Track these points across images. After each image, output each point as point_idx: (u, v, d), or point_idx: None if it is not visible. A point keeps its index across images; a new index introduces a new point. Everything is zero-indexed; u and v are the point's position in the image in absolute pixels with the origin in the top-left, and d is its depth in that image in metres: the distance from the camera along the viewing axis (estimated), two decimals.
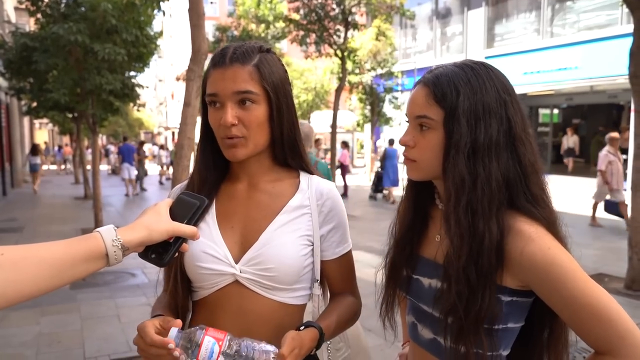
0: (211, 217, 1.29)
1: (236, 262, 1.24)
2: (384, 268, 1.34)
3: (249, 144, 1.24)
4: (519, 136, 1.10)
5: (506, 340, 1.13)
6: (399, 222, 1.32)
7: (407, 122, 1.19)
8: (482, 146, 1.07)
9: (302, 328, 1.18)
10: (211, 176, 1.32)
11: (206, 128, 1.30)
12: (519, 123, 1.11)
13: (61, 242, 0.90)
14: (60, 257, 0.87)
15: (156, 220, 0.98)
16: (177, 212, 1.03)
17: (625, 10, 12.94)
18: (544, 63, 15.13)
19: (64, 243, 0.89)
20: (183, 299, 1.31)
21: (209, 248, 1.24)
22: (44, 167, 28.19)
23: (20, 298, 0.83)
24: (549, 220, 1.08)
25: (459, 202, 1.07)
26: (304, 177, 1.36)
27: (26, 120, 24.54)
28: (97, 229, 0.93)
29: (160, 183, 20.50)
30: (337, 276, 1.36)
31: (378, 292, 1.35)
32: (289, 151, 1.32)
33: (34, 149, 19.00)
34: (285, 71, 1.32)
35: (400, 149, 12.19)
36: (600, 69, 13.74)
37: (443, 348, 1.14)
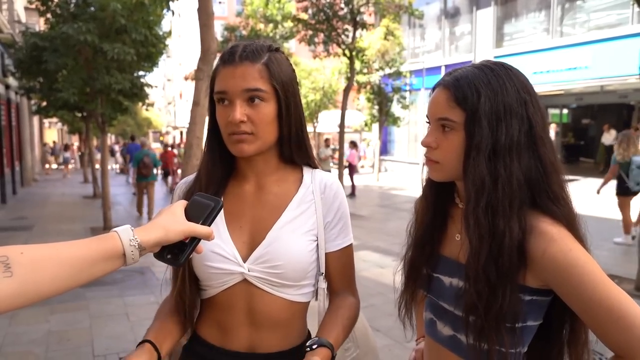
0: (220, 216, 1.29)
1: (244, 261, 1.26)
2: (402, 268, 1.34)
3: (257, 140, 1.24)
4: (540, 135, 1.10)
5: (525, 338, 1.14)
6: (417, 222, 1.32)
7: (428, 123, 1.20)
8: (504, 147, 1.08)
9: (314, 347, 1.17)
10: (217, 173, 1.32)
11: (213, 125, 1.31)
12: (539, 122, 1.11)
13: (79, 241, 0.90)
14: (79, 257, 0.88)
15: (172, 221, 0.99)
16: (192, 213, 1.04)
17: (637, 9, 12.86)
18: (554, 63, 15.04)
19: (82, 243, 0.90)
20: (191, 297, 1.31)
21: (217, 247, 1.25)
22: (53, 166, 28.54)
23: (39, 297, 0.84)
24: (569, 219, 1.09)
25: (479, 202, 1.08)
26: (307, 172, 1.37)
27: (36, 119, 24.72)
28: (115, 229, 0.94)
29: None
30: (337, 270, 1.35)
31: (397, 292, 1.36)
32: (295, 149, 1.33)
33: (66, 147, 26.86)
34: (293, 70, 1.32)
35: None
36: (611, 68, 13.65)
37: (463, 345, 1.15)
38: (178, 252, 1.00)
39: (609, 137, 16.89)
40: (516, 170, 1.07)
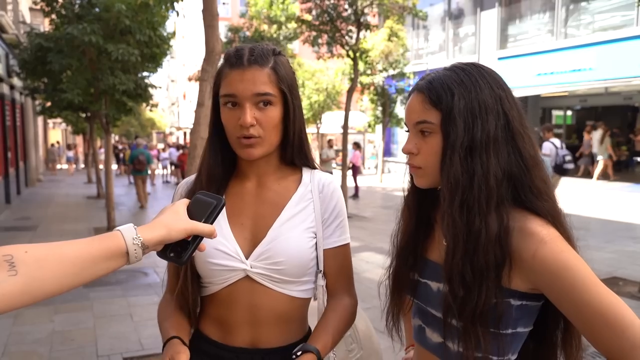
0: (222, 214, 1.32)
1: (246, 258, 1.28)
2: (387, 279, 1.33)
3: (265, 143, 1.27)
4: (518, 130, 1.10)
5: (515, 345, 1.12)
6: (401, 232, 1.31)
7: (407, 131, 1.19)
8: (480, 143, 1.07)
9: (299, 353, 1.20)
10: (219, 173, 1.35)
11: (215, 126, 1.33)
12: (516, 117, 1.11)
13: (83, 240, 0.91)
14: (82, 255, 0.88)
15: (175, 219, 1.00)
16: (195, 211, 1.05)
17: None
18: (558, 64, 15.01)
19: (86, 241, 0.91)
20: (193, 294, 1.34)
21: (220, 244, 1.27)
22: (58, 166, 28.65)
23: (44, 295, 0.85)
24: (554, 215, 1.08)
25: (453, 201, 1.07)
26: (306, 172, 1.40)
27: (40, 119, 24.80)
28: (118, 228, 0.95)
29: (175, 184, 20.60)
30: (334, 269, 1.37)
31: (383, 303, 1.35)
32: (296, 151, 1.36)
33: (69, 146, 28.33)
34: (294, 73, 1.35)
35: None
36: (615, 70, 13.61)
37: (451, 352, 1.14)
38: (181, 251, 1.01)
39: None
40: (494, 166, 1.06)
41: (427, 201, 1.25)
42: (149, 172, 13.37)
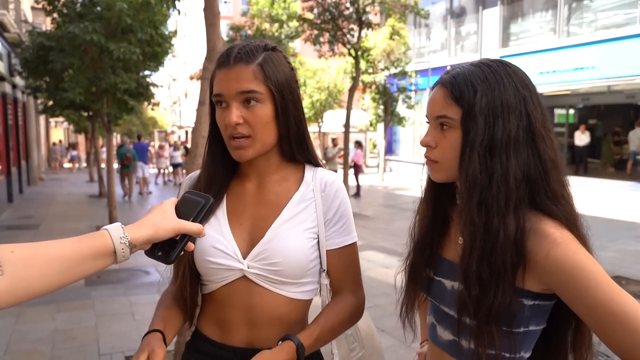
0: (222, 213, 1.32)
1: (244, 258, 1.27)
2: (404, 270, 1.33)
3: (256, 143, 1.24)
4: (539, 132, 1.09)
5: (527, 343, 1.12)
6: (418, 225, 1.31)
7: (428, 123, 1.19)
8: (500, 143, 1.06)
9: (279, 342, 1.19)
10: (219, 174, 1.34)
11: (214, 127, 1.32)
12: (538, 118, 1.09)
13: (69, 239, 0.90)
14: (69, 255, 0.88)
15: (162, 218, 1.00)
16: (183, 210, 1.05)
17: None
18: (560, 63, 14.97)
19: (73, 240, 0.90)
20: (191, 292, 1.33)
21: (218, 243, 1.27)
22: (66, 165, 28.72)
23: (30, 295, 0.84)
24: (569, 219, 1.07)
25: (471, 199, 1.07)
26: (309, 170, 1.37)
27: (42, 118, 24.81)
28: (105, 227, 0.94)
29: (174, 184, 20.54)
30: (337, 269, 1.34)
31: (398, 294, 1.34)
32: (296, 147, 1.33)
33: (73, 145, 30.16)
34: (292, 68, 1.32)
35: None
36: (618, 68, 13.57)
37: (462, 349, 1.14)
38: (169, 250, 1.01)
39: (584, 138, 16.89)
40: (513, 167, 1.05)
41: (445, 197, 1.25)
42: (154, 169, 13.79)
